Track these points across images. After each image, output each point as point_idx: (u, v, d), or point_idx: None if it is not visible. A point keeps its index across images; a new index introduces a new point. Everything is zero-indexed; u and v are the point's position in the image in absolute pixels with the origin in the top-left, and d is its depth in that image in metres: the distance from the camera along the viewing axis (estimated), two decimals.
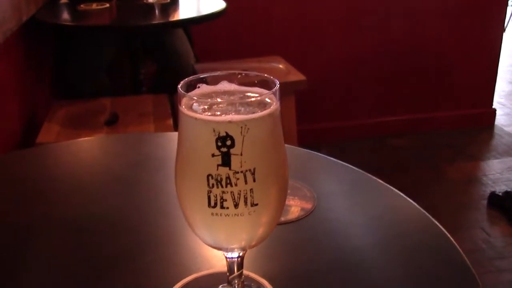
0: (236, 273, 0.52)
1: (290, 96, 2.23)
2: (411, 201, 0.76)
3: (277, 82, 0.46)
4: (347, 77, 3.09)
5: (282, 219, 0.71)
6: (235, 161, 0.43)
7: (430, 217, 0.72)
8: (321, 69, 3.02)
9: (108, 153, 1.02)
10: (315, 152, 0.92)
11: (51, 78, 2.37)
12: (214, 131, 0.43)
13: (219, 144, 0.43)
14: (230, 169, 0.43)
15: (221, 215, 0.45)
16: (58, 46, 2.40)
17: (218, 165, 0.43)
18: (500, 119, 3.43)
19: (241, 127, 0.43)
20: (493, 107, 3.40)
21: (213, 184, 0.44)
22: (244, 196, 0.44)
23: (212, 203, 0.45)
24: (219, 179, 0.44)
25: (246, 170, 0.44)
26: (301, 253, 0.67)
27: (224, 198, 0.44)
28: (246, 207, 0.45)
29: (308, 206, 0.74)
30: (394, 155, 3.04)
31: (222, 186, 0.44)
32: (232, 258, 0.50)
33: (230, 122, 0.43)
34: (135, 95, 2.20)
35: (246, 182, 0.44)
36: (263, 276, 0.60)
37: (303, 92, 2.34)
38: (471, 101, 3.32)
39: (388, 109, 3.21)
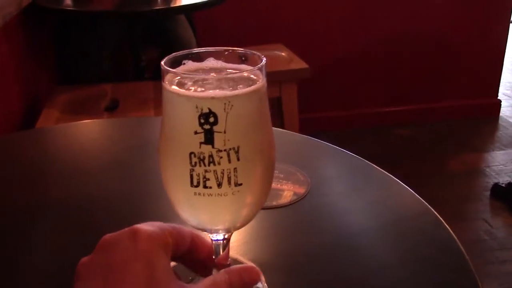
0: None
1: (292, 84, 2.21)
2: (407, 187, 0.75)
3: (263, 58, 0.45)
4: (350, 65, 3.07)
5: (274, 203, 0.70)
6: (218, 139, 0.42)
7: (426, 203, 0.71)
8: (325, 57, 2.99)
9: (106, 136, 1.02)
10: (312, 138, 0.91)
11: (52, 63, 2.36)
12: (196, 107, 0.41)
13: (202, 121, 0.41)
14: (213, 147, 0.42)
15: (204, 194, 0.43)
16: (60, 31, 2.39)
17: (200, 143, 0.42)
18: (505, 111, 3.40)
19: (225, 104, 0.41)
20: (498, 98, 3.37)
21: (195, 163, 0.43)
22: (228, 175, 0.43)
23: (195, 182, 0.43)
24: (201, 157, 0.42)
25: (230, 149, 0.42)
26: (293, 237, 0.65)
27: (207, 177, 0.43)
28: (229, 186, 0.43)
29: (301, 190, 0.73)
30: (398, 145, 3.02)
31: (205, 165, 0.42)
32: (217, 240, 0.49)
33: (213, 98, 0.41)
34: (136, 82, 2.19)
35: (229, 161, 0.42)
36: (253, 261, 0.59)
37: (306, 80, 2.32)
38: (476, 92, 3.29)
39: (392, 99, 3.19)
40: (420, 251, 0.63)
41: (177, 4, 2.26)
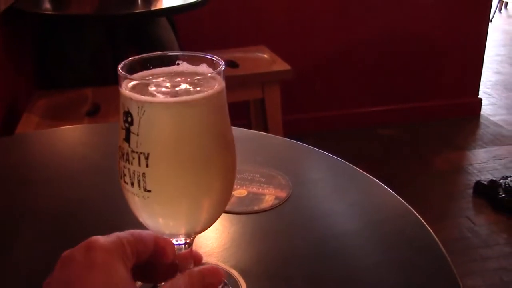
0: None
1: (275, 86, 2.21)
2: (388, 189, 0.75)
3: (221, 65, 0.45)
4: (334, 67, 3.08)
5: (256, 207, 0.69)
6: (133, 140, 0.43)
7: (407, 204, 0.71)
8: (307, 59, 3.00)
9: (87, 142, 1.01)
10: (293, 140, 0.91)
11: (32, 68, 2.33)
12: (123, 105, 0.44)
13: (124, 118, 0.43)
14: (129, 146, 0.43)
15: (124, 189, 0.45)
16: (40, 35, 2.36)
17: (123, 139, 0.44)
18: (486, 109, 3.44)
19: (138, 107, 0.42)
20: (479, 96, 3.40)
21: (120, 156, 0.45)
22: (138, 178, 0.43)
23: (120, 174, 0.45)
24: (123, 152, 0.44)
25: (141, 153, 0.43)
26: (275, 242, 0.65)
27: (124, 172, 0.44)
28: (140, 189, 0.44)
29: (283, 194, 0.73)
30: (382, 145, 3.03)
31: (123, 160, 0.44)
32: (179, 244, 0.48)
33: (131, 99, 0.43)
34: (117, 85, 2.17)
35: (139, 164, 0.43)
36: (235, 267, 0.59)
37: (291, 82, 2.32)
38: (457, 91, 3.32)
39: (374, 99, 3.21)
40: (401, 253, 0.63)
41: (158, 7, 2.25)
